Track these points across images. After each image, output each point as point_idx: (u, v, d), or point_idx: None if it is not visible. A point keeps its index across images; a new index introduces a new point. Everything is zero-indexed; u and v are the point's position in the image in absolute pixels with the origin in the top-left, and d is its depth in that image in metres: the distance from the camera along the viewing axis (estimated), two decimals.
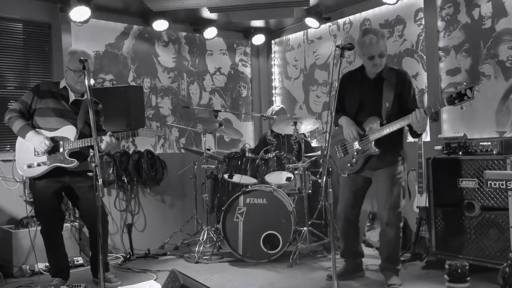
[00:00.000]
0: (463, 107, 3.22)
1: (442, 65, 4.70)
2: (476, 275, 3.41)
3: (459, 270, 1.79)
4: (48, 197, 3.70)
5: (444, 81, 4.69)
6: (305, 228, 4.48)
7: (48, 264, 3.99)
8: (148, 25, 5.57)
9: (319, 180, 4.89)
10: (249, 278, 4.00)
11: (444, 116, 4.66)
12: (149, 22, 5.49)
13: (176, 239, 5.28)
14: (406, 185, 3.64)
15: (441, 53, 4.71)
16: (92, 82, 4.97)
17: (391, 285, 3.51)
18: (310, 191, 4.64)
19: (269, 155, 4.65)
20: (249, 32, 6.36)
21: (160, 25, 5.48)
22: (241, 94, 6.54)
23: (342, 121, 3.68)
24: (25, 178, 4.38)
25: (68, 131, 3.68)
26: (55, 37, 5.07)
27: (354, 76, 3.71)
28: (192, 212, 5.38)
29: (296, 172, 4.61)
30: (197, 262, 4.54)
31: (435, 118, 4.65)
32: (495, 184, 3.07)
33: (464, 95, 3.14)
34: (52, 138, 3.64)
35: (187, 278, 2.92)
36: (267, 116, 5.45)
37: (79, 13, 4.79)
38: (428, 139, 4.68)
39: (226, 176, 4.72)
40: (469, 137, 4.06)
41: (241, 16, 5.55)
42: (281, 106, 5.60)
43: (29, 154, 3.66)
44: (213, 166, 4.99)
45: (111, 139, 3.58)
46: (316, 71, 5.98)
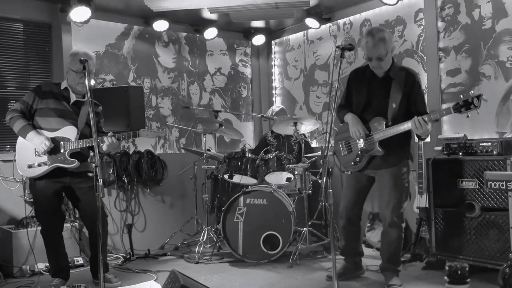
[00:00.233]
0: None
1: (442, 66, 4.70)
2: (476, 275, 3.41)
3: (459, 272, 1.79)
4: (48, 197, 3.70)
5: (444, 81, 4.69)
6: (305, 228, 4.48)
7: (48, 264, 3.99)
8: (148, 26, 5.58)
9: (319, 181, 4.89)
10: (249, 278, 4.00)
11: (445, 116, 4.65)
12: (149, 23, 5.50)
13: (176, 239, 5.28)
14: (409, 186, 3.64)
15: (441, 53, 4.71)
16: (92, 82, 4.98)
17: (391, 285, 3.52)
18: (310, 191, 4.64)
19: (269, 155, 4.65)
20: (249, 32, 6.36)
21: (160, 25, 5.48)
22: (241, 95, 6.54)
23: (348, 118, 3.65)
24: (26, 178, 4.38)
25: (69, 132, 3.68)
26: (56, 37, 5.07)
27: (362, 73, 3.67)
28: (192, 213, 5.38)
29: (296, 172, 4.61)
30: (197, 263, 4.54)
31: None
32: (495, 185, 3.07)
33: (471, 104, 3.10)
34: (53, 139, 3.64)
35: (187, 279, 2.92)
36: (267, 116, 5.45)
37: (79, 13, 4.79)
38: (428, 139, 4.66)
39: (226, 176, 4.72)
40: (469, 137, 4.06)
41: (241, 17, 5.55)
42: (281, 107, 5.60)
43: (29, 154, 3.66)
44: (213, 167, 4.99)
45: (112, 140, 3.59)
46: (316, 72, 5.98)
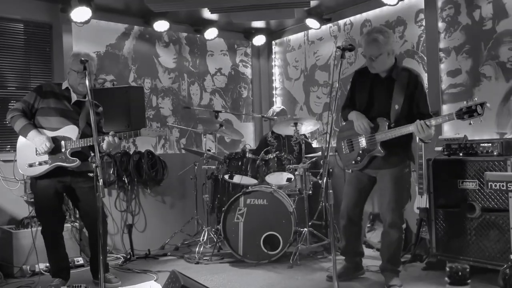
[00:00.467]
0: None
1: (442, 66, 4.70)
2: (476, 276, 3.41)
3: (460, 273, 1.79)
4: (49, 197, 3.70)
5: (444, 82, 4.69)
6: (305, 229, 4.48)
7: (48, 264, 4.00)
8: (148, 26, 5.58)
9: (320, 181, 4.89)
10: (250, 278, 4.00)
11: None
12: (149, 23, 5.50)
13: (177, 239, 5.28)
14: (410, 188, 3.64)
15: (441, 54, 4.71)
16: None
17: (391, 286, 3.51)
18: (310, 192, 4.64)
19: (270, 156, 4.65)
20: (250, 32, 6.37)
21: (161, 25, 5.48)
22: (241, 95, 6.54)
23: (353, 115, 3.65)
24: (26, 177, 4.38)
25: (70, 131, 3.69)
26: (56, 37, 5.07)
27: (366, 73, 3.68)
28: (193, 213, 5.38)
29: (296, 173, 4.61)
30: (198, 263, 4.54)
31: None
32: (495, 186, 3.07)
33: (474, 111, 3.10)
34: (54, 138, 3.65)
35: (188, 279, 2.92)
36: (267, 117, 5.45)
37: (80, 13, 4.79)
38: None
39: (226, 176, 4.72)
40: (469, 138, 4.06)
41: (242, 17, 5.55)
42: (282, 107, 5.60)
43: (30, 153, 3.67)
44: (213, 167, 4.99)
45: (113, 139, 3.59)
46: (317, 72, 5.99)
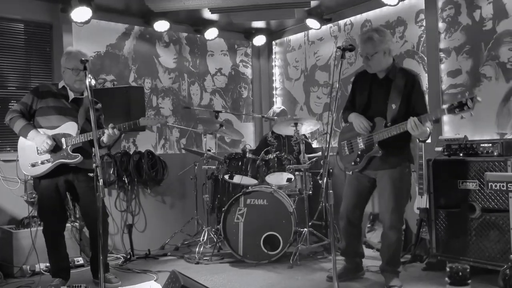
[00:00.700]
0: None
1: (443, 67, 4.70)
2: (476, 277, 3.41)
3: (460, 273, 1.79)
4: (52, 197, 3.71)
5: (444, 82, 4.69)
6: (305, 229, 4.48)
7: (48, 264, 4.00)
8: (149, 26, 5.58)
9: (320, 181, 4.89)
10: (250, 279, 4.00)
11: (445, 117, 4.65)
12: (150, 23, 5.50)
13: (177, 239, 5.28)
14: (410, 189, 3.64)
15: (442, 54, 4.71)
16: (93, 82, 4.98)
17: (391, 286, 3.51)
18: (310, 192, 4.64)
19: (270, 156, 4.65)
20: (250, 33, 6.37)
21: (161, 25, 5.48)
22: (241, 95, 6.54)
23: (352, 116, 3.69)
24: (30, 178, 4.38)
25: (70, 127, 3.70)
26: (56, 37, 5.07)
27: (365, 75, 3.72)
28: (193, 213, 5.38)
29: (296, 173, 4.61)
30: (198, 263, 4.54)
31: (436, 119, 4.64)
32: (495, 186, 3.08)
33: (464, 105, 3.10)
34: (54, 137, 3.66)
35: (188, 279, 2.92)
36: (267, 117, 5.45)
37: (80, 13, 4.79)
38: (429, 140, 4.66)
39: (226, 176, 4.72)
40: (469, 138, 4.06)
41: (242, 17, 5.55)
42: (282, 108, 5.60)
43: (32, 153, 3.68)
44: (213, 167, 4.99)
45: (113, 131, 3.61)
46: (317, 72, 5.99)
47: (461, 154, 3.88)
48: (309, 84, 6.10)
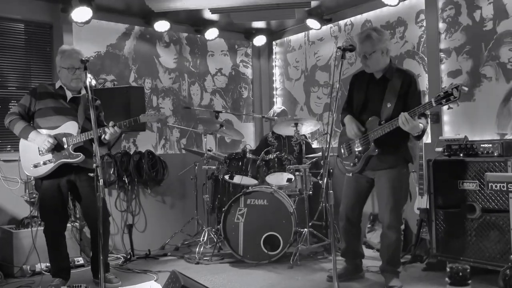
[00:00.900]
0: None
1: (443, 67, 4.70)
2: (476, 277, 3.41)
3: (461, 273, 1.80)
4: (54, 196, 3.71)
5: (445, 82, 4.68)
6: (305, 229, 4.48)
7: (48, 264, 4.00)
8: (149, 26, 5.58)
9: (320, 182, 4.89)
10: (250, 279, 4.00)
11: (445, 118, 4.66)
12: (150, 23, 5.50)
13: (177, 239, 5.28)
14: (408, 188, 3.64)
15: (442, 54, 4.71)
16: (93, 83, 4.98)
17: (391, 287, 3.51)
18: (310, 192, 4.64)
19: (270, 156, 4.66)
20: (250, 33, 6.37)
21: (162, 26, 5.48)
22: (242, 95, 6.54)
23: (346, 119, 3.73)
24: (31, 178, 4.38)
25: (70, 127, 3.70)
26: (57, 37, 5.07)
27: (362, 75, 3.75)
28: (193, 213, 5.38)
29: (297, 173, 4.61)
30: (198, 263, 4.54)
31: (436, 120, 4.65)
32: (496, 186, 3.08)
33: (451, 95, 3.10)
34: (55, 137, 3.66)
35: (188, 279, 2.92)
36: (268, 117, 5.45)
37: (80, 13, 4.79)
38: (429, 140, 4.68)
39: (226, 177, 4.72)
40: (470, 139, 4.06)
41: (242, 17, 5.55)
42: (283, 108, 5.60)
43: (33, 154, 3.67)
44: (213, 167, 4.99)
45: (114, 129, 3.62)
46: (317, 73, 5.99)
47: (461, 155, 3.88)
48: (310, 84, 6.10)
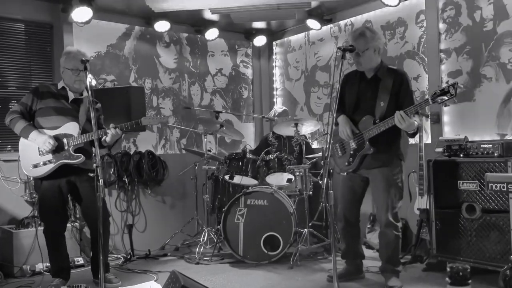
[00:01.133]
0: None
1: (443, 67, 4.70)
2: (476, 277, 3.41)
3: (461, 273, 1.80)
4: (55, 197, 3.71)
5: (445, 83, 4.68)
6: (305, 229, 4.48)
7: (48, 264, 3.99)
8: (149, 26, 5.58)
9: (320, 182, 4.89)
10: (250, 279, 4.00)
11: (445, 118, 4.66)
12: (150, 23, 5.50)
13: (177, 240, 5.28)
14: (402, 186, 3.65)
15: (442, 55, 4.71)
16: (93, 83, 4.98)
17: (391, 287, 3.51)
18: (311, 192, 4.64)
19: (270, 156, 4.66)
20: (251, 33, 6.37)
21: (162, 26, 5.48)
22: (242, 95, 6.54)
23: (339, 120, 3.75)
24: (31, 178, 4.37)
25: (71, 128, 3.70)
26: (57, 37, 5.08)
27: (353, 75, 3.77)
28: (193, 213, 5.38)
29: (297, 173, 4.61)
30: (198, 263, 4.54)
31: (436, 120, 4.65)
32: (496, 187, 3.07)
33: (447, 93, 3.16)
34: (56, 137, 3.65)
35: (188, 279, 2.92)
36: (268, 117, 5.45)
37: (81, 13, 4.79)
38: (429, 141, 4.68)
39: (226, 177, 4.72)
40: (470, 139, 4.05)
41: (243, 18, 5.56)
42: (284, 108, 5.59)
43: (33, 153, 3.67)
44: (214, 167, 4.99)
45: (116, 131, 3.62)
46: (317, 73, 5.99)
47: (461, 155, 3.88)
48: (310, 84, 6.10)
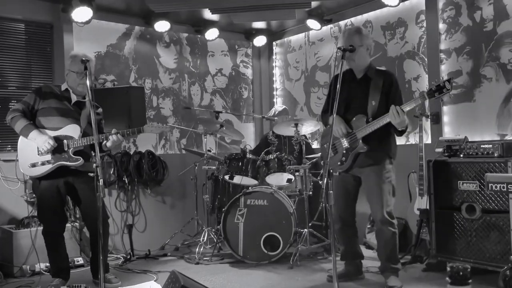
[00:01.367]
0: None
1: (443, 68, 4.70)
2: (476, 277, 3.40)
3: (461, 272, 1.80)
4: (51, 198, 3.70)
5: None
6: (305, 229, 4.48)
7: (48, 264, 3.99)
8: (149, 26, 5.58)
9: (320, 182, 4.89)
10: (250, 279, 4.00)
11: (445, 118, 4.66)
12: (150, 23, 5.50)
13: (177, 240, 5.28)
14: (394, 184, 3.67)
15: (442, 55, 4.71)
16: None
17: (391, 287, 3.51)
18: (310, 192, 4.64)
19: (270, 156, 4.65)
20: (251, 33, 6.37)
21: (162, 26, 5.48)
22: (242, 96, 6.54)
23: (331, 120, 3.72)
24: (28, 177, 4.37)
25: (72, 130, 3.70)
26: (57, 37, 5.07)
27: (343, 76, 3.75)
28: (193, 213, 5.38)
29: (297, 173, 4.61)
30: (198, 263, 4.54)
31: (436, 120, 4.65)
32: (496, 187, 3.07)
33: (443, 88, 3.22)
34: (56, 138, 3.65)
35: (188, 279, 2.92)
36: (268, 117, 5.45)
37: (81, 13, 4.79)
38: (429, 141, 4.68)
39: (226, 177, 4.72)
40: (470, 139, 4.06)
41: (243, 18, 5.56)
42: (284, 107, 5.59)
43: (32, 153, 3.66)
44: (213, 167, 4.99)
45: (117, 137, 3.62)
46: (317, 73, 5.99)
47: (461, 155, 3.88)
48: (310, 84, 6.10)
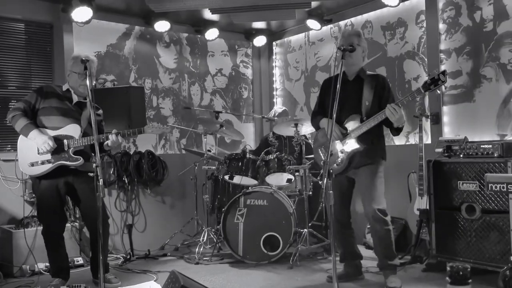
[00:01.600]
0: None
1: (443, 68, 4.69)
2: (476, 278, 3.40)
3: (461, 272, 1.79)
4: (51, 198, 3.70)
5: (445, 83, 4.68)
6: (305, 229, 4.48)
7: (48, 264, 3.99)
8: (149, 26, 5.58)
9: (320, 182, 4.89)
10: (249, 279, 4.00)
11: (445, 118, 4.66)
12: (150, 23, 5.50)
13: (177, 240, 5.28)
14: (383, 184, 3.71)
15: (442, 55, 4.71)
16: (93, 82, 4.98)
17: (391, 287, 3.51)
18: (310, 192, 4.64)
19: (270, 156, 4.66)
20: (251, 33, 6.37)
21: (162, 26, 5.48)
22: (242, 96, 6.54)
23: (324, 122, 3.79)
24: (28, 177, 4.37)
25: (72, 130, 3.70)
26: (57, 37, 5.08)
27: (335, 79, 3.75)
28: (193, 213, 5.38)
29: (296, 173, 4.61)
30: (197, 263, 4.54)
31: (436, 120, 4.65)
32: (496, 187, 3.07)
33: (438, 80, 3.28)
34: (56, 137, 3.65)
35: (187, 279, 2.92)
36: (268, 117, 5.45)
37: (81, 13, 4.80)
38: (429, 141, 4.68)
39: (226, 177, 4.72)
40: (470, 139, 4.06)
41: (243, 18, 5.56)
42: (284, 108, 5.59)
43: (32, 152, 3.66)
44: (213, 167, 4.99)
45: (117, 138, 3.62)
46: (317, 73, 5.99)
47: (461, 155, 3.88)
48: (310, 84, 6.10)
